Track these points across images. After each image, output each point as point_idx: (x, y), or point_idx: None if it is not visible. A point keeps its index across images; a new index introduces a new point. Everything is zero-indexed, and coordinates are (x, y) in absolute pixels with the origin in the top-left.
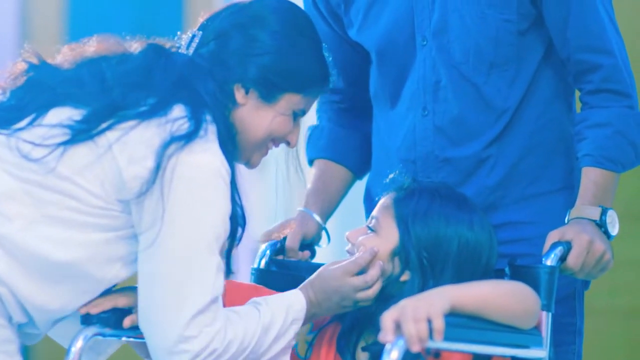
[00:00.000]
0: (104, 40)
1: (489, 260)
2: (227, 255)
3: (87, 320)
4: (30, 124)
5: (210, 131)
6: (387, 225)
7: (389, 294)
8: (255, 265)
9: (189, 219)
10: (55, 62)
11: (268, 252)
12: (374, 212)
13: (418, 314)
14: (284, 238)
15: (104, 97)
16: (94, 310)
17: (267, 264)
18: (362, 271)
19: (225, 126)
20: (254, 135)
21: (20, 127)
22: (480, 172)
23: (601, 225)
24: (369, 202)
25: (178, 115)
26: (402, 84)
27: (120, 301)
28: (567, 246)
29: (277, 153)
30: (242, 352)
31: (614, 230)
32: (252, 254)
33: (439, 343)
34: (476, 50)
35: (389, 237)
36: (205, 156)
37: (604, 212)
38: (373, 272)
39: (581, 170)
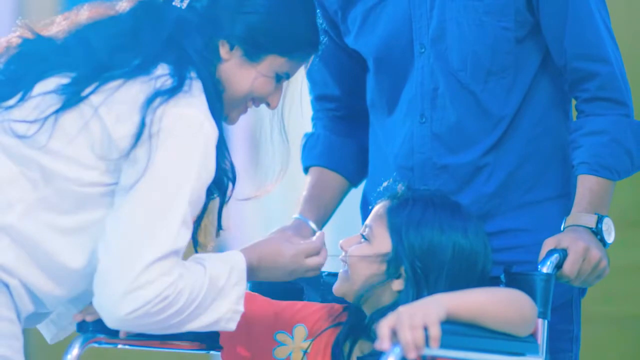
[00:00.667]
0: (96, 5)
1: (484, 267)
2: (219, 211)
3: (82, 327)
4: (21, 99)
5: (195, 87)
6: (380, 234)
7: (383, 303)
8: None
9: (169, 168)
10: (50, 34)
11: None
12: (368, 221)
13: (414, 321)
14: None
15: (91, 60)
16: (90, 318)
17: None
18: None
19: (211, 82)
20: (234, 92)
21: (10, 105)
22: (478, 179)
23: (597, 232)
24: (366, 209)
25: (161, 73)
26: (399, 91)
27: None
28: (563, 254)
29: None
30: (190, 303)
31: (609, 237)
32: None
33: (435, 350)
34: (474, 57)
35: (382, 246)
36: (190, 110)
37: (600, 220)
38: (318, 238)
39: (577, 178)
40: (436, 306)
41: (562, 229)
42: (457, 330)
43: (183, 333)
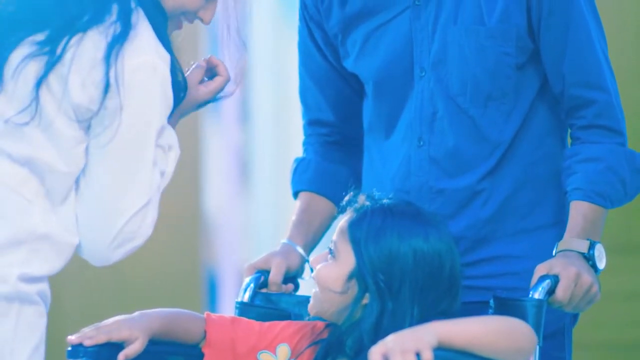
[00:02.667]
0: None
1: (451, 270)
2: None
3: (74, 354)
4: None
5: (140, 21)
6: (344, 249)
7: (354, 319)
8: (240, 299)
9: (136, 120)
10: None
11: (252, 285)
12: (333, 236)
13: (406, 346)
14: (268, 271)
15: (60, 11)
16: (88, 342)
17: (250, 297)
18: None
19: (152, 5)
20: (165, 7)
21: None
22: (474, 204)
23: (589, 258)
24: None
25: (111, 20)
26: (398, 114)
27: (115, 335)
28: (555, 279)
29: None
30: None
31: (601, 264)
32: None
33: None
34: (474, 82)
35: (346, 261)
36: (142, 57)
37: (592, 246)
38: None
39: (569, 204)
40: (427, 333)
41: (554, 253)
42: (448, 357)
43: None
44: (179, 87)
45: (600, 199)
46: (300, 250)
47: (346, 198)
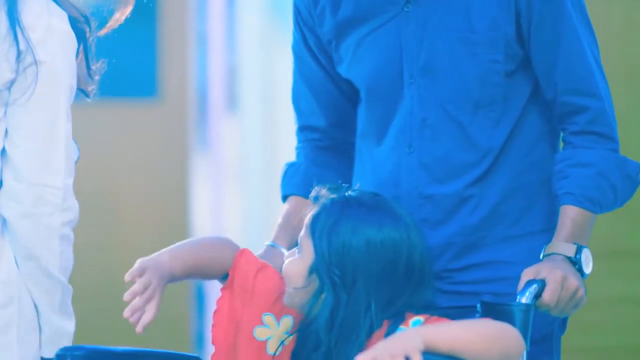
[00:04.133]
0: None
1: (409, 260)
2: (86, 57)
3: (62, 358)
4: None
5: None
6: (306, 244)
7: (314, 313)
8: None
9: (51, 77)
10: None
11: None
12: (301, 232)
13: (394, 351)
14: None
15: None
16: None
17: None
18: None
19: None
20: None
21: None
22: (463, 210)
23: (575, 262)
24: None
25: None
26: (389, 120)
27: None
28: (542, 284)
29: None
30: None
31: (587, 268)
32: None
33: None
34: (462, 89)
35: (308, 255)
36: (43, 20)
37: (579, 250)
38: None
39: (559, 208)
40: (414, 337)
41: (541, 257)
42: None
43: None
44: (80, 25)
45: (590, 204)
46: (285, 252)
47: (313, 193)
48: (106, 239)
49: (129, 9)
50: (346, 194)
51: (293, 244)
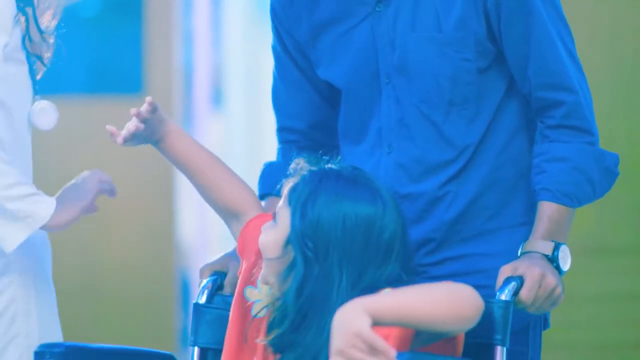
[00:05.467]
0: None
1: (381, 233)
2: (35, 21)
3: (39, 356)
4: None
5: None
6: (283, 215)
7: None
8: (197, 300)
9: None
10: None
11: (210, 286)
12: (279, 202)
13: (348, 337)
14: (224, 273)
15: None
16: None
17: (208, 299)
18: None
19: None
20: None
21: None
22: (439, 208)
23: (553, 260)
24: None
25: None
26: (368, 121)
27: None
28: (520, 281)
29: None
30: None
31: (565, 265)
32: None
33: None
34: (435, 88)
35: (284, 226)
36: None
37: (556, 247)
38: None
39: (537, 203)
40: (356, 315)
41: (518, 254)
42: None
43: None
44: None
45: (567, 199)
46: None
47: (292, 165)
48: (90, 235)
49: None
50: (326, 166)
51: None
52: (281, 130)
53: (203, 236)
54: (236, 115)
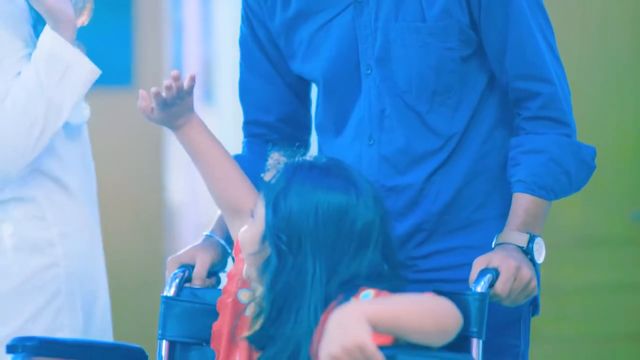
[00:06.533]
0: None
1: (354, 221)
2: None
3: (12, 348)
4: None
5: None
6: (259, 209)
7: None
8: (165, 293)
9: None
10: None
11: (177, 279)
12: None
13: (346, 343)
14: (192, 265)
15: None
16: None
17: (176, 292)
18: None
19: None
20: None
21: None
22: (426, 199)
23: (527, 252)
24: None
25: None
26: (348, 112)
27: None
28: (496, 273)
29: None
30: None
31: (540, 258)
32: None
33: None
34: (419, 78)
35: (261, 221)
36: None
37: (531, 239)
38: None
39: (512, 195)
40: (359, 324)
41: (493, 245)
42: (394, 353)
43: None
44: None
45: (542, 191)
46: (222, 242)
47: (270, 161)
48: None
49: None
50: (299, 158)
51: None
52: (248, 123)
53: (193, 225)
54: (226, 109)
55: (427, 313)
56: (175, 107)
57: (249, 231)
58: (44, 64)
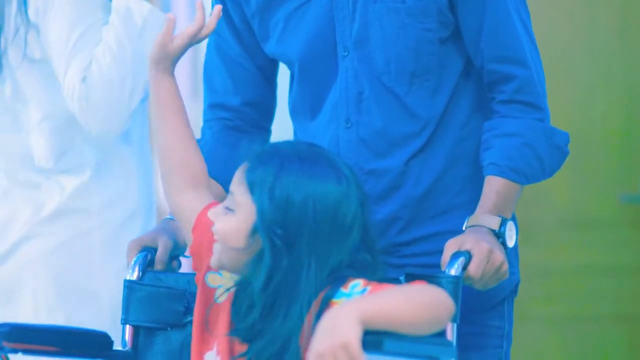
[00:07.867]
0: None
1: (345, 213)
2: None
3: None
4: None
5: None
6: (244, 201)
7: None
8: (129, 277)
9: None
10: None
11: (140, 262)
12: (231, 187)
13: (335, 344)
14: (154, 248)
15: None
16: None
17: (139, 275)
18: None
19: None
20: None
21: None
22: (406, 183)
23: (499, 235)
24: None
25: None
26: (324, 95)
27: None
28: (468, 255)
29: None
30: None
31: (510, 242)
32: None
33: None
34: (397, 60)
35: (247, 213)
36: None
37: (503, 223)
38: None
39: (484, 178)
40: (350, 325)
41: (464, 228)
42: (376, 338)
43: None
44: None
45: (514, 175)
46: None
47: (245, 152)
48: None
49: None
50: (281, 145)
51: None
52: (212, 106)
53: None
54: None
55: (420, 306)
56: (183, 50)
57: (229, 223)
58: (122, 21)
